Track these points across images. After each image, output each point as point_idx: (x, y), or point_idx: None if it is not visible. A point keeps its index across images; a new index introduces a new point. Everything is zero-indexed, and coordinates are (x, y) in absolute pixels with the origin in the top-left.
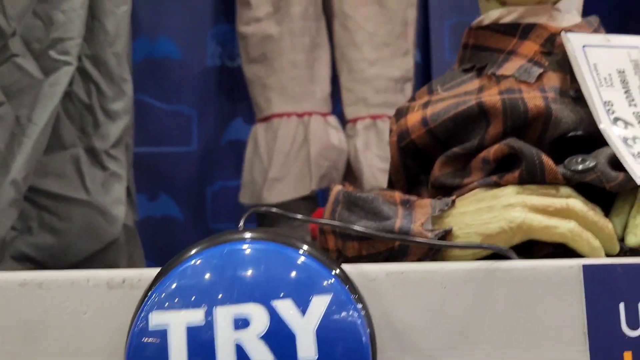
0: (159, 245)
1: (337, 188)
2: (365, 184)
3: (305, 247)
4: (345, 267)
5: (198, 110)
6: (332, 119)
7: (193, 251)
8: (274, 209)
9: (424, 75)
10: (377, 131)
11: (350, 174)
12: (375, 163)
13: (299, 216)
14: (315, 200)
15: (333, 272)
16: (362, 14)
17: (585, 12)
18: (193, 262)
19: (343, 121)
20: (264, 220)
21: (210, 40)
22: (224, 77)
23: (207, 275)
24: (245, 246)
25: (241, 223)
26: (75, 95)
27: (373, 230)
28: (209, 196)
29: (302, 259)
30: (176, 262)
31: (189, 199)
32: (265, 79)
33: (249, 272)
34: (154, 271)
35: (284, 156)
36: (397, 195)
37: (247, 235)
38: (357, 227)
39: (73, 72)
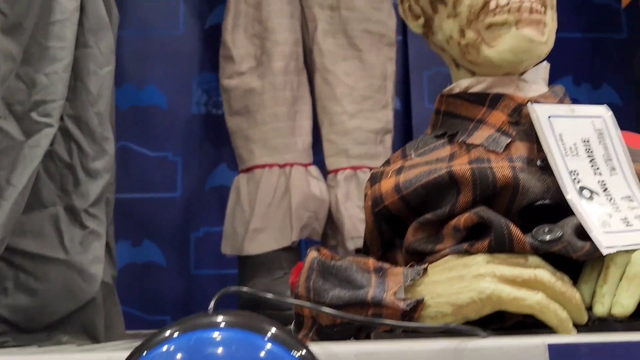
0: (142, 291)
1: (312, 255)
2: (346, 234)
3: (273, 330)
4: (313, 347)
5: (183, 157)
6: (314, 169)
7: (161, 337)
8: (245, 288)
9: (405, 122)
10: (358, 182)
11: (332, 224)
12: (356, 213)
13: (270, 295)
14: (297, 250)
15: (298, 355)
16: (342, 68)
17: (561, 53)
18: (164, 349)
19: (324, 171)
20: (245, 270)
21: (196, 88)
22: (209, 125)
23: None
24: (214, 334)
25: (211, 306)
26: (56, 154)
27: (342, 313)
28: (192, 242)
29: (268, 345)
30: (144, 348)
31: (172, 245)
32: (247, 131)
33: None
34: (122, 355)
35: (265, 207)
36: (371, 262)
37: (216, 320)
38: (326, 310)
39: (54, 133)
